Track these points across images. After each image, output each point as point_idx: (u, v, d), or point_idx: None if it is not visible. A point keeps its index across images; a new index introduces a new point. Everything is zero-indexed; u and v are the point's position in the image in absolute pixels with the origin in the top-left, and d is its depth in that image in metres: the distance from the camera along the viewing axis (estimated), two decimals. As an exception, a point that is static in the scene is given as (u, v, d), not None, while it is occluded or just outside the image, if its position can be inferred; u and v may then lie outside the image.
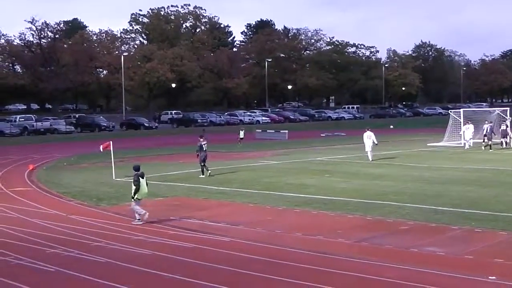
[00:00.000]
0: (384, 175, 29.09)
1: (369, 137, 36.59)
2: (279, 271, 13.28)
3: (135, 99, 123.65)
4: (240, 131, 54.28)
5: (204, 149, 30.04)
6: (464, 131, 45.00)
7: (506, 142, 43.69)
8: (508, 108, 52.86)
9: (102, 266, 14.06)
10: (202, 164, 29.89)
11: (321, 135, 64.01)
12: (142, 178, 18.76)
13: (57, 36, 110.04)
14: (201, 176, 29.63)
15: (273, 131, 64.62)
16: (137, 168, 19.01)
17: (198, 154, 30.12)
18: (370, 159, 36.07)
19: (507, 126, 44.72)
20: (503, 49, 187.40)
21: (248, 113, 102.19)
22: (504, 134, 44.23)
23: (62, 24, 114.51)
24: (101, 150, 29.15)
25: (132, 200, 18.79)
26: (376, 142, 36.76)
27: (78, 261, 14.52)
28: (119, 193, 24.92)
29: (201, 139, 30.29)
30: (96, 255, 14.93)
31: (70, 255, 15.06)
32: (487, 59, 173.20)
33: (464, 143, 44.79)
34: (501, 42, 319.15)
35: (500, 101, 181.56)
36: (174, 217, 19.73)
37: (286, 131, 61.11)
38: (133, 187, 18.62)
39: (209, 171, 29.78)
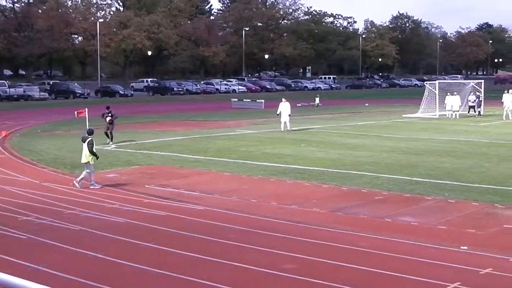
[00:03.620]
0: (360, 146, 29.18)
1: (286, 107, 35.89)
2: (253, 240, 13.29)
3: (111, 66, 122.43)
4: (316, 98, 63.59)
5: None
6: (446, 102, 46.08)
7: (479, 112, 47.44)
8: (482, 81, 53.41)
9: (76, 234, 13.97)
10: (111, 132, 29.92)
11: (297, 105, 63.71)
12: (83, 142, 19.32)
13: (31, 1, 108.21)
14: (110, 143, 29.49)
15: (250, 100, 64.43)
16: (87, 132, 19.72)
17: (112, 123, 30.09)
18: (283, 130, 35.44)
19: (481, 97, 48.96)
20: (479, 22, 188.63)
21: (225, 82, 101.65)
22: (479, 104, 48.02)
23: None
24: (76, 116, 28.86)
25: None
26: (289, 113, 35.89)
27: (51, 229, 14.41)
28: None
29: (111, 111, 30.40)
30: (69, 223, 14.83)
31: (43, 223, 14.93)
32: (463, 31, 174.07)
33: (452, 114, 45.89)
34: (477, 15, 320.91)
35: (475, 73, 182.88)
36: (149, 185, 19.65)
37: (263, 100, 60.94)
38: None
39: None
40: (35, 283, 4.52)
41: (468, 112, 47.67)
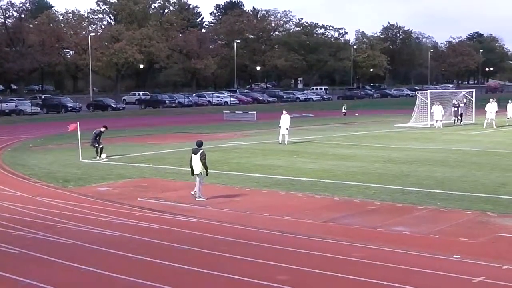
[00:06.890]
0: (351, 156, 29.24)
1: (286, 120, 35.64)
2: (246, 251, 13.30)
3: (103, 80, 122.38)
4: (343, 107, 67.33)
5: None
6: (433, 112, 46.26)
7: (455, 120, 48.63)
8: (473, 90, 53.70)
9: (68, 248, 13.94)
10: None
11: (290, 116, 64.05)
12: (195, 154, 18.95)
13: (22, 15, 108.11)
14: (102, 157, 29.18)
15: (242, 112, 64.51)
16: (197, 144, 19.25)
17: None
18: (281, 142, 35.13)
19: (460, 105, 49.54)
20: (470, 31, 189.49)
21: (217, 94, 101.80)
22: (456, 113, 48.83)
23: (27, 4, 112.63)
24: (69, 130, 28.85)
25: None
26: (287, 126, 35.51)
27: (43, 243, 14.37)
28: (86, 174, 24.70)
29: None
30: (62, 237, 14.79)
31: (36, 237, 14.89)
32: (454, 41, 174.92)
33: (433, 123, 45.75)
34: (468, 24, 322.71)
35: (466, 82, 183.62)
36: (141, 198, 19.63)
37: (255, 112, 61.01)
38: None
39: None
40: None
41: (458, 121, 48.13)
